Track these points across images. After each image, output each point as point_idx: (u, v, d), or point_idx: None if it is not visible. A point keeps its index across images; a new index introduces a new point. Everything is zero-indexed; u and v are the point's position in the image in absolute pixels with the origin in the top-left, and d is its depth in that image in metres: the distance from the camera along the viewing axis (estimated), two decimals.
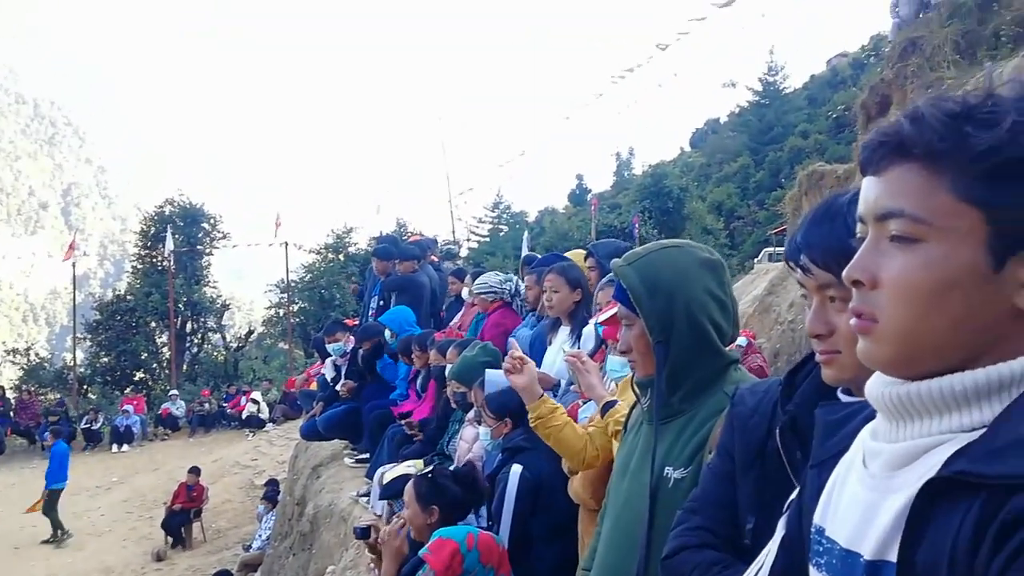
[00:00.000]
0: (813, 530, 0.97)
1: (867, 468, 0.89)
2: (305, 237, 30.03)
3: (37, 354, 27.62)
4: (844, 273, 0.88)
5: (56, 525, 13.34)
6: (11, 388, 23.04)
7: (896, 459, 0.84)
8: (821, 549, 0.94)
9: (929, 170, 0.80)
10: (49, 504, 13.24)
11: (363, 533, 3.78)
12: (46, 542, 13.28)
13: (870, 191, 0.85)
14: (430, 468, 3.70)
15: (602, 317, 2.98)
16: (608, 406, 2.73)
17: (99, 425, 19.80)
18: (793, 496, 1.15)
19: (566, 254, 6.39)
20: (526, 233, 23.96)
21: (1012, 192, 0.77)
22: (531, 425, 2.88)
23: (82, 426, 19.47)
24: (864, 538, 0.85)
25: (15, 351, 26.52)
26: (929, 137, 0.80)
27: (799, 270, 1.23)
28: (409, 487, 3.62)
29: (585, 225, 34.84)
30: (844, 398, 1.14)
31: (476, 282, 5.88)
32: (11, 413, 20.50)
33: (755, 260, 23.34)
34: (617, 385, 3.00)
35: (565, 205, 56.52)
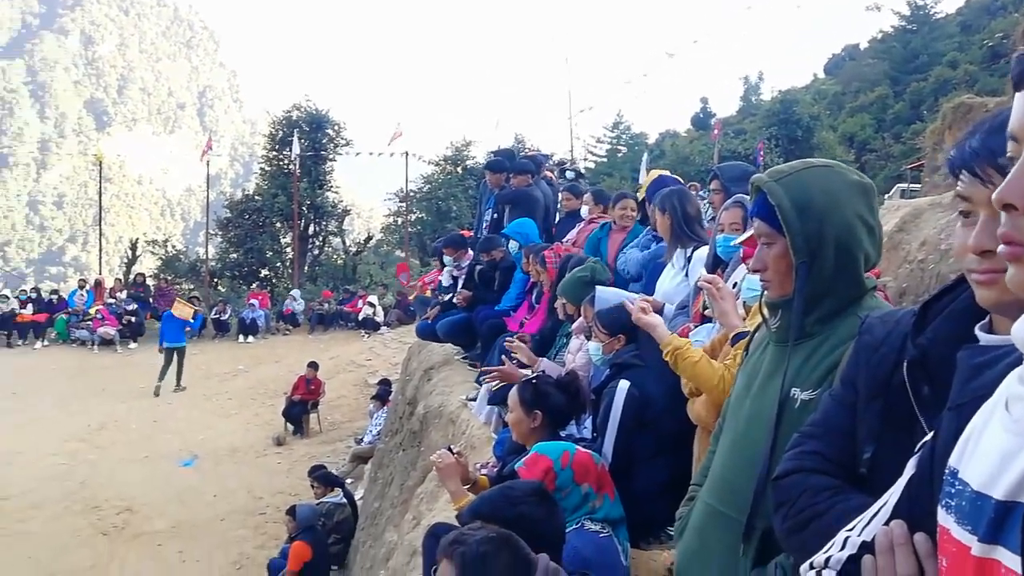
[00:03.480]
0: (947, 472, 0.95)
1: (1010, 413, 0.86)
2: (425, 148, 30.46)
3: (174, 246, 29.42)
4: (996, 195, 0.83)
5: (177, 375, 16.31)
6: (151, 276, 24.67)
7: None
8: (952, 491, 0.92)
9: None
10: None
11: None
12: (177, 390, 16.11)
13: None
14: (534, 375, 3.77)
15: (741, 238, 2.93)
16: (739, 337, 2.67)
17: (227, 316, 21.04)
18: (927, 438, 1.13)
19: (647, 175, 6.35)
20: (646, 155, 23.49)
21: None
22: (665, 358, 2.87)
23: (212, 316, 20.72)
24: (998, 481, 0.83)
25: (154, 242, 28.33)
26: None
27: (969, 179, 1.14)
28: (513, 392, 3.71)
29: (707, 150, 33.91)
30: (983, 336, 1.09)
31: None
32: (150, 299, 22.02)
33: (887, 196, 22.19)
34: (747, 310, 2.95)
35: (687, 129, 54.95)
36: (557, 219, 8.19)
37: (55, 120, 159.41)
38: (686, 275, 4.18)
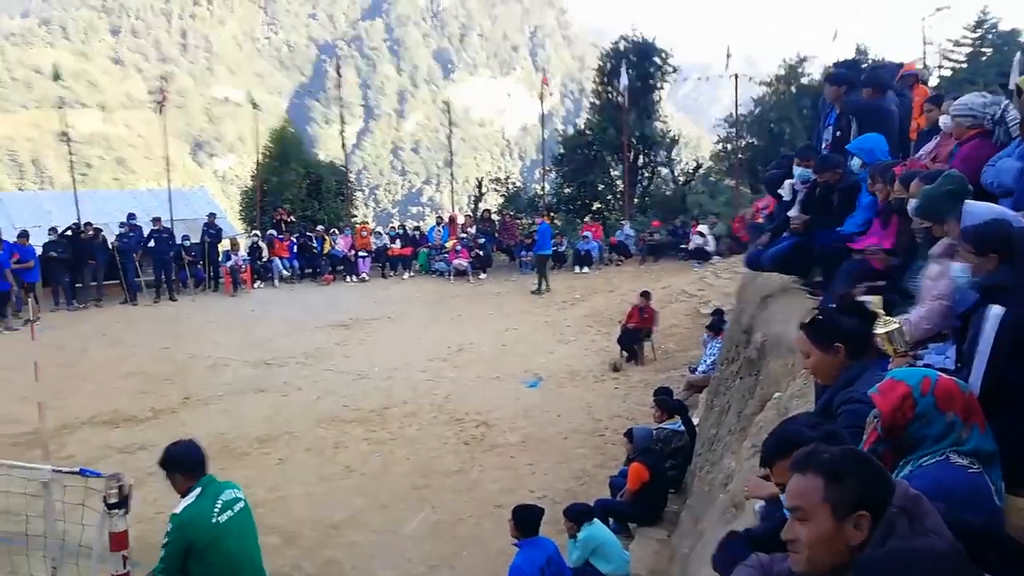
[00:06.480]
0: None
1: None
2: (754, 69, 28.97)
3: (514, 183, 31.42)
4: None
5: (542, 281, 19.59)
6: (495, 212, 26.62)
7: None
8: None
9: None
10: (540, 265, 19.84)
11: None
12: (535, 292, 19.50)
13: None
14: (817, 311, 3.47)
15: None
16: None
17: (563, 248, 22.18)
18: None
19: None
20: (1018, 55, 20.20)
21: None
22: None
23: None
24: None
25: (497, 180, 30.55)
26: None
27: None
28: (800, 338, 3.46)
29: None
30: None
31: (956, 103, 5.24)
32: (495, 233, 23.86)
33: None
34: None
35: None
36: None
37: (409, 72, 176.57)
38: None
